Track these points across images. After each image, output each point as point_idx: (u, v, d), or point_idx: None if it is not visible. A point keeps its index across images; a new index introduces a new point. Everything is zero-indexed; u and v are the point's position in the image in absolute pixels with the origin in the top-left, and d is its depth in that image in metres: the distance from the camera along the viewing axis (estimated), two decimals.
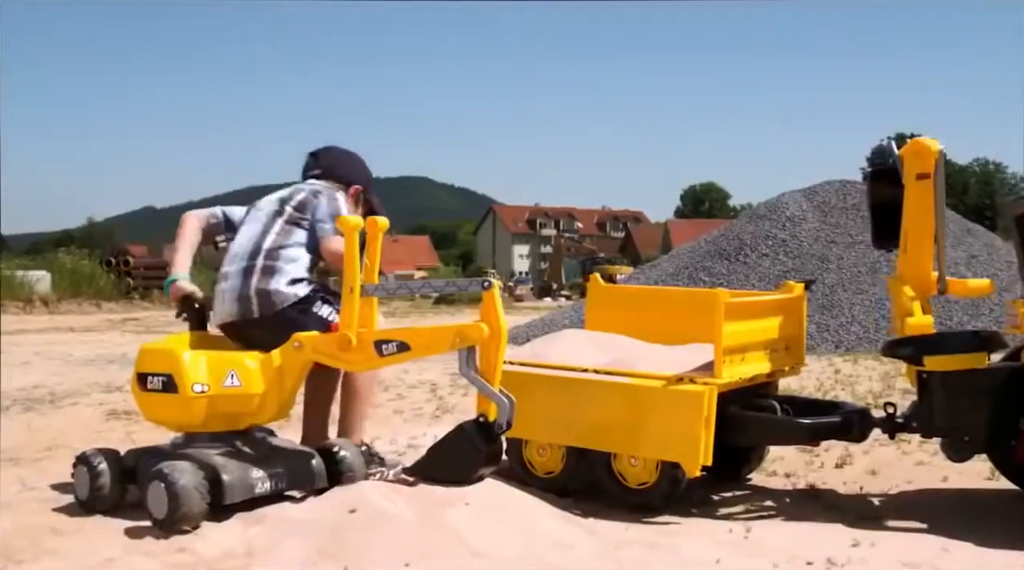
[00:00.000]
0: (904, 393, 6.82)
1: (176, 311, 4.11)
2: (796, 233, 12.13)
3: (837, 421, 3.87)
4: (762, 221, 12.55)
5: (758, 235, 12.26)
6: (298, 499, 3.67)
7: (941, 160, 3.66)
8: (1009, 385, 3.70)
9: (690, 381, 3.72)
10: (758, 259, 11.99)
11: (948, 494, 4.22)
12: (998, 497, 4.11)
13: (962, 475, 4.37)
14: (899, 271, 3.89)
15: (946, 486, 4.32)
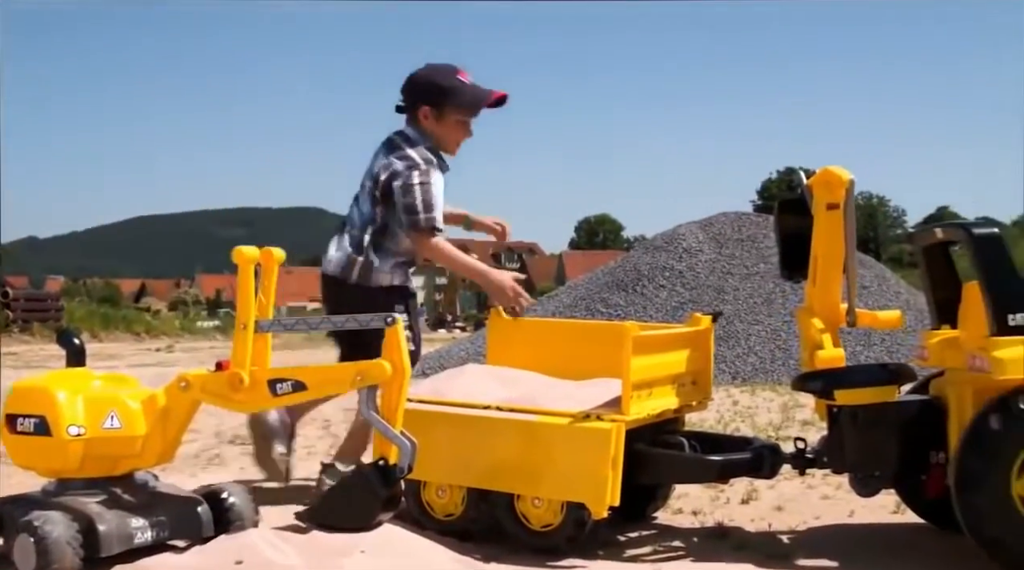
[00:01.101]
0: (803, 425, 6.81)
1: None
2: (693, 264, 12.17)
3: (748, 458, 3.76)
4: (659, 252, 12.58)
5: (655, 266, 12.27)
6: (181, 549, 3.42)
7: (851, 190, 3.60)
8: (919, 418, 3.64)
9: (596, 418, 3.58)
10: (655, 290, 11.99)
11: (856, 529, 4.15)
12: (906, 531, 4.06)
13: (868, 509, 4.31)
14: (808, 302, 3.82)
15: (853, 521, 4.26)
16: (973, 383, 3.45)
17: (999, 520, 3.22)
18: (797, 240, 3.87)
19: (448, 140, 4.32)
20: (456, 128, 4.32)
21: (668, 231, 13.22)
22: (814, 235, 3.75)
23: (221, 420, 7.19)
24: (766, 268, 11.93)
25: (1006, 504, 3.22)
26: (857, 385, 3.60)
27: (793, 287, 11.46)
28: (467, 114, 4.29)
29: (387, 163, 4.19)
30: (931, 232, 3.82)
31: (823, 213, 3.68)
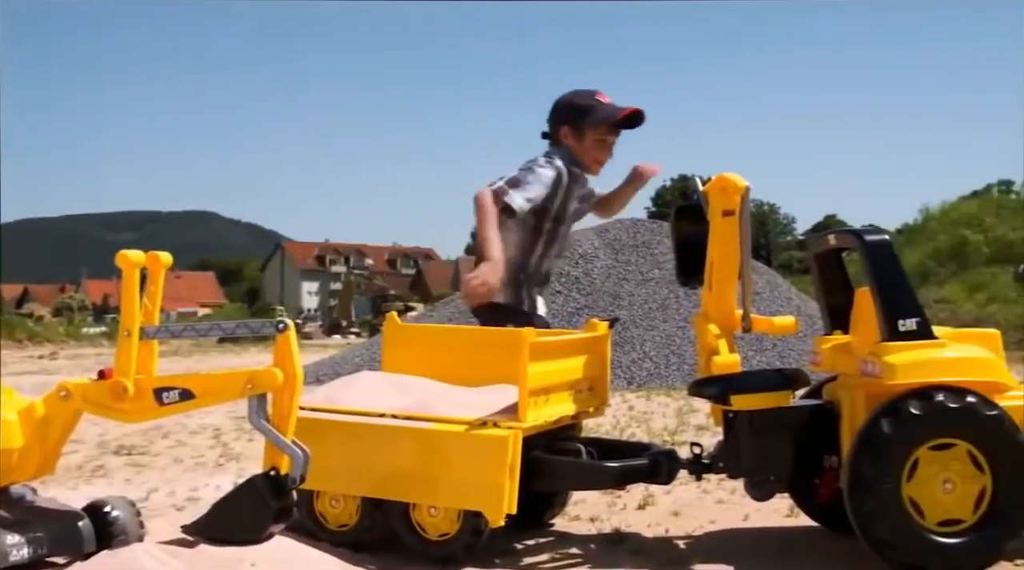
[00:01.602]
0: (698, 429, 6.88)
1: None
2: (588, 270, 12.24)
3: (645, 464, 3.75)
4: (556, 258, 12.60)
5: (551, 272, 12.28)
6: (61, 566, 3.27)
7: (747, 196, 3.62)
8: (812, 423, 3.68)
9: (493, 425, 3.53)
10: (551, 296, 12.00)
11: (750, 533, 4.18)
12: (799, 534, 4.10)
13: (762, 513, 4.35)
14: (704, 308, 3.83)
15: (748, 525, 4.28)
16: (865, 387, 3.49)
17: (890, 522, 3.26)
18: (693, 246, 3.88)
19: (588, 159, 4.27)
20: (595, 146, 4.26)
21: None
22: (710, 241, 3.76)
23: (105, 430, 6.99)
24: (661, 274, 12.06)
25: (897, 506, 3.26)
26: (752, 390, 3.62)
27: (687, 293, 11.60)
28: (603, 131, 4.24)
29: None
30: (824, 239, 3.87)
31: (719, 219, 3.70)
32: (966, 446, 3.30)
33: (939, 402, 3.27)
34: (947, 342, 3.42)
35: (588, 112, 4.20)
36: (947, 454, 3.30)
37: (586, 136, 4.21)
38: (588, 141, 4.22)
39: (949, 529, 3.29)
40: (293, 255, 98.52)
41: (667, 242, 12.62)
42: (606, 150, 4.28)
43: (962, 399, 3.28)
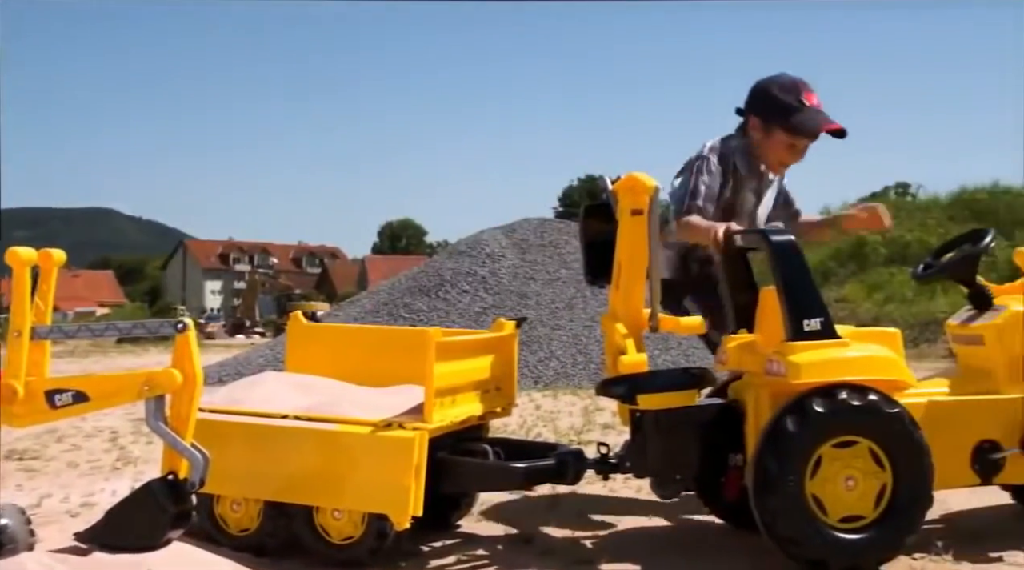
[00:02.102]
0: (604, 428, 6.89)
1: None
2: (496, 270, 12.22)
3: (552, 464, 3.73)
4: (462, 258, 12.58)
5: (459, 272, 12.26)
6: None
7: (655, 196, 3.61)
8: (718, 422, 3.69)
9: (399, 426, 3.48)
10: (459, 295, 11.97)
11: (657, 531, 4.19)
12: (705, 532, 4.12)
13: (668, 512, 4.35)
14: (612, 308, 3.82)
15: (654, 524, 4.29)
16: (770, 386, 3.52)
17: (793, 519, 3.28)
18: (601, 245, 3.86)
19: (770, 157, 4.13)
20: (780, 148, 4.11)
21: (471, 236, 13.25)
22: (618, 240, 3.74)
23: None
24: (568, 273, 12.10)
25: (800, 503, 3.28)
26: (659, 390, 3.62)
27: (594, 292, 11.65)
28: (793, 138, 4.07)
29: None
30: (730, 239, 3.88)
31: (627, 219, 3.68)
32: (868, 443, 3.34)
33: (842, 400, 3.30)
34: (850, 341, 3.46)
35: (786, 115, 4.04)
36: (849, 452, 3.34)
37: (774, 135, 4.07)
38: (776, 141, 4.08)
39: (851, 525, 3.33)
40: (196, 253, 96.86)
41: (574, 242, 12.66)
42: (795, 155, 4.14)
43: (864, 397, 3.32)
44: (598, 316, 11.40)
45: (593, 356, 10.93)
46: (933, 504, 3.43)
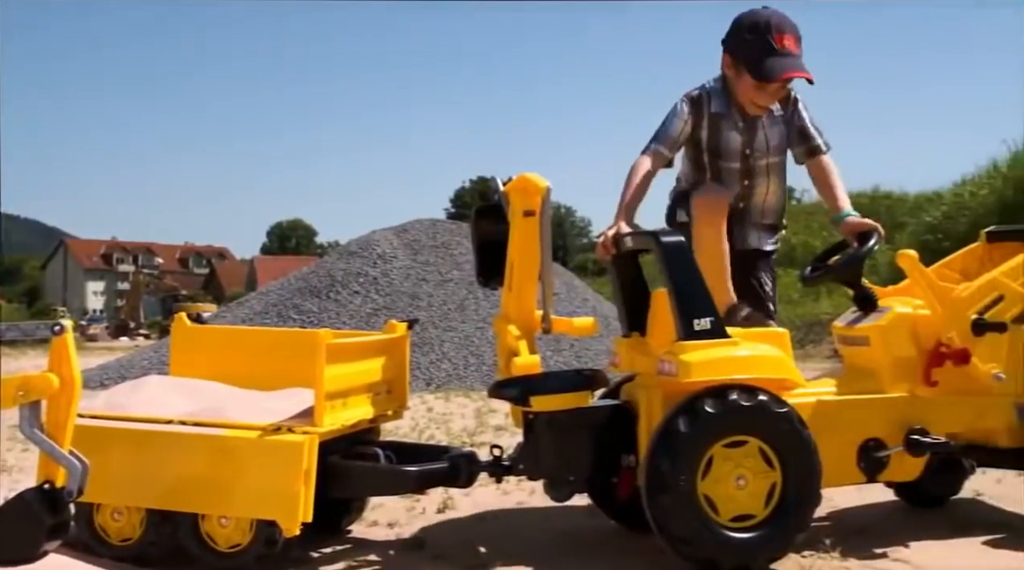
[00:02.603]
0: (497, 430, 6.87)
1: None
2: (387, 271, 12.12)
3: (444, 467, 3.69)
4: (353, 258, 12.45)
5: (349, 272, 12.13)
6: None
7: (547, 197, 3.60)
8: (611, 423, 3.70)
9: (288, 430, 3.40)
10: (349, 296, 11.84)
11: (551, 534, 4.17)
12: (599, 533, 4.12)
13: (562, 513, 4.34)
14: (504, 309, 3.79)
15: (547, 525, 4.27)
16: (662, 387, 3.53)
17: (685, 519, 3.30)
18: (493, 246, 3.84)
19: (742, 97, 3.92)
20: (748, 89, 3.89)
21: (363, 237, 13.13)
22: (510, 242, 3.73)
23: None
24: (460, 275, 12.07)
25: (693, 504, 3.30)
26: (552, 391, 3.60)
27: (486, 293, 11.64)
28: (757, 80, 3.85)
29: None
30: (622, 241, 3.89)
31: (519, 220, 3.67)
32: (758, 443, 3.37)
33: (733, 400, 3.33)
34: (740, 341, 3.49)
35: (751, 57, 3.84)
36: (740, 451, 3.37)
37: (743, 77, 3.88)
38: (744, 82, 3.89)
39: (742, 524, 3.36)
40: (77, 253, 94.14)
41: (466, 243, 12.63)
42: (766, 96, 3.93)
43: (754, 397, 3.35)
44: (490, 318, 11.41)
45: (485, 358, 10.91)
46: (821, 502, 3.48)
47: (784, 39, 3.80)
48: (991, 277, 3.89)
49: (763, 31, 3.81)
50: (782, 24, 3.83)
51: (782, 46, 3.80)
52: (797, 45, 3.84)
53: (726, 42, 3.94)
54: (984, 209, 13.90)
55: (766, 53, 3.80)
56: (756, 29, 3.83)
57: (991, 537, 3.86)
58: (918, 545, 3.75)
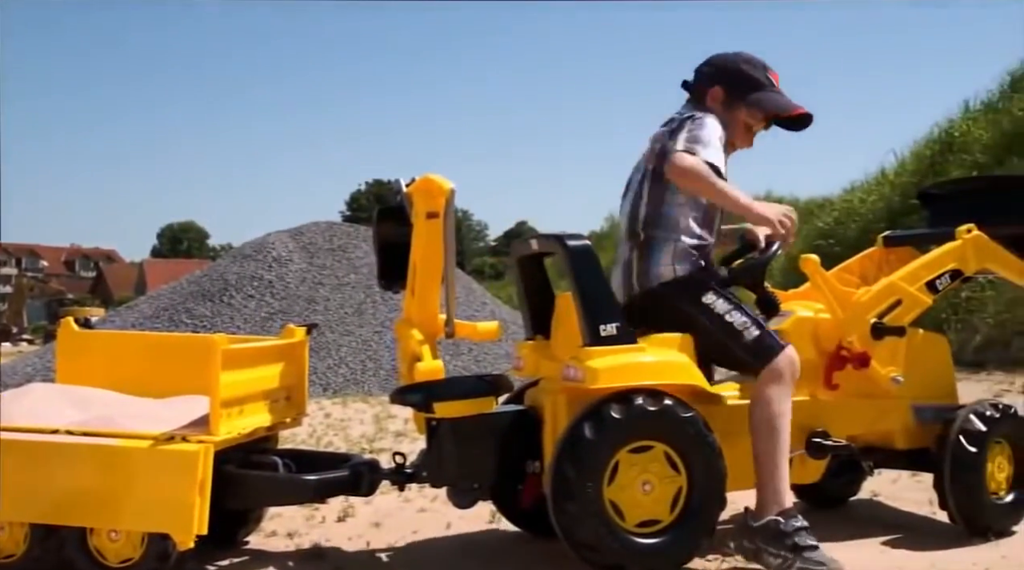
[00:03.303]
0: (396, 436, 6.79)
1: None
2: (283, 274, 11.92)
3: (345, 475, 3.60)
4: (248, 261, 12.21)
5: (243, 276, 11.89)
6: None
7: (452, 199, 3.54)
8: (515, 428, 3.64)
9: (182, 439, 3.27)
10: (244, 300, 11.61)
11: (454, 541, 4.11)
12: (502, 540, 4.08)
13: (465, 520, 4.28)
14: (406, 313, 3.72)
15: (451, 533, 4.21)
16: (567, 392, 3.49)
17: (591, 525, 3.26)
18: (396, 249, 3.76)
19: (734, 132, 3.74)
20: (736, 126, 3.72)
21: (257, 240, 12.89)
22: (413, 244, 3.65)
23: None
24: (357, 278, 11.93)
25: (598, 510, 3.27)
26: (456, 397, 3.53)
27: (384, 297, 11.53)
28: (757, 117, 3.72)
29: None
30: (526, 244, 3.85)
31: (423, 222, 3.59)
32: (663, 448, 3.35)
33: (638, 406, 3.30)
34: (645, 347, 3.47)
35: (757, 89, 3.72)
36: (646, 456, 3.34)
37: (737, 111, 3.73)
38: (736, 117, 3.73)
39: (648, 530, 3.33)
40: None
41: (364, 246, 12.50)
42: (750, 138, 3.80)
43: (660, 402, 3.33)
44: (388, 322, 11.34)
45: (383, 362, 10.80)
46: (726, 506, 3.48)
47: (777, 78, 3.81)
48: (889, 282, 3.95)
49: (761, 67, 3.78)
50: (770, 66, 3.82)
51: (775, 84, 3.79)
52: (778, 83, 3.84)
53: (716, 76, 3.77)
54: (873, 215, 14.29)
55: (771, 91, 3.76)
56: (754, 65, 3.78)
57: (888, 537, 3.94)
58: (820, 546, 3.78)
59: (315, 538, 4.09)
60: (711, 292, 3.58)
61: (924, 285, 3.98)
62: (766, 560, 3.41)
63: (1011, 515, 3.95)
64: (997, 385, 8.80)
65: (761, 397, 3.48)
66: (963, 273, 4.08)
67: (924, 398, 4.00)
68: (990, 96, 15.24)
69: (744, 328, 3.53)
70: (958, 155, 13.73)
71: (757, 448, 3.46)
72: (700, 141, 3.49)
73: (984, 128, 13.88)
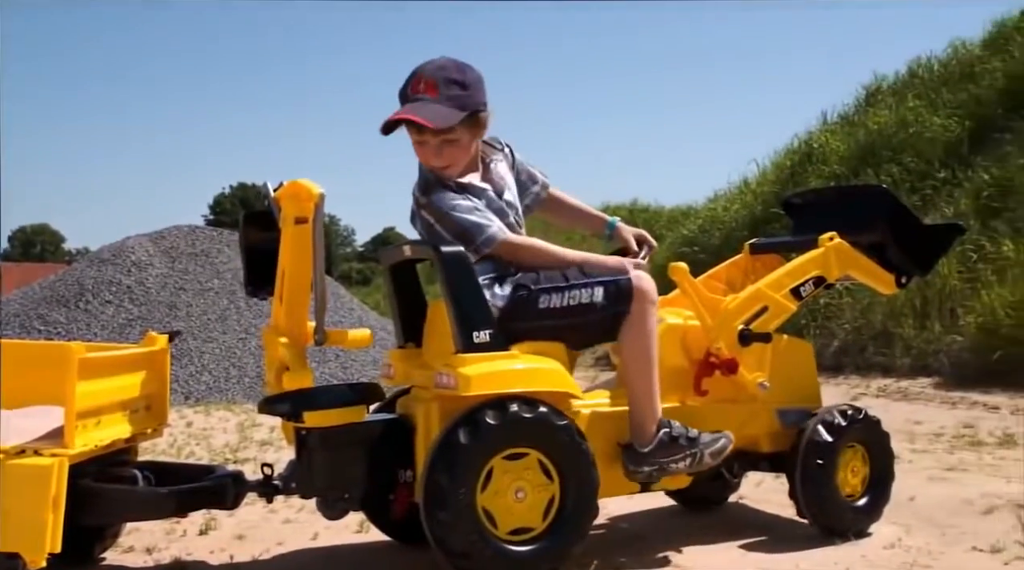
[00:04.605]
0: (261, 445, 6.64)
1: None
2: (143, 279, 11.57)
3: (209, 488, 3.47)
4: (105, 266, 11.81)
5: (101, 281, 11.50)
6: None
7: (321, 204, 3.44)
8: (387, 437, 3.57)
9: (34, 453, 3.10)
10: (101, 306, 11.22)
11: (320, 552, 4.01)
12: (370, 550, 4.01)
13: (332, 531, 4.19)
14: (274, 321, 3.61)
15: (317, 544, 4.11)
16: (440, 400, 3.44)
17: (464, 533, 3.22)
18: (262, 254, 3.65)
19: (424, 162, 3.66)
20: (416, 149, 3.62)
21: (116, 243, 12.49)
22: (281, 250, 3.55)
23: None
24: (221, 284, 11.66)
25: (471, 517, 3.23)
26: (326, 406, 3.44)
27: (249, 303, 11.30)
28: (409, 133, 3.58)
29: None
30: (399, 250, 3.79)
31: (291, 227, 3.49)
32: (537, 455, 3.33)
33: (513, 413, 3.27)
34: (519, 354, 3.45)
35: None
36: (520, 463, 3.31)
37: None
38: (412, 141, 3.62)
39: (520, 537, 3.31)
40: None
41: (227, 251, 12.23)
42: (425, 153, 3.60)
43: (535, 409, 3.31)
44: (253, 328, 11.12)
45: (248, 369, 10.58)
46: (598, 514, 3.48)
47: (421, 84, 3.51)
48: (755, 289, 4.02)
49: (407, 82, 3.56)
50: (432, 70, 3.53)
51: (416, 91, 3.52)
52: (440, 87, 3.50)
53: None
54: (736, 223, 14.66)
55: (402, 102, 3.56)
56: (405, 81, 3.58)
57: (753, 539, 3.99)
58: (691, 549, 3.83)
59: (175, 552, 3.94)
60: (541, 295, 3.55)
61: (789, 292, 4.06)
62: (675, 468, 3.55)
63: (869, 516, 4.05)
64: (854, 388, 9.13)
65: (632, 329, 3.56)
66: (826, 280, 4.17)
67: (789, 402, 4.07)
68: (846, 109, 15.83)
69: (590, 298, 3.55)
70: (817, 166, 14.19)
71: (632, 374, 3.58)
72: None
73: (841, 140, 14.38)
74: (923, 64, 14.82)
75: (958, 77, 13.48)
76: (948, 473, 4.65)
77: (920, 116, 13.04)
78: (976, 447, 6.04)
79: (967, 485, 4.83)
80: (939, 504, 4.27)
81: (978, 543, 3.80)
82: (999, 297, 9.00)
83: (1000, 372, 8.47)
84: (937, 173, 11.80)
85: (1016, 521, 4.03)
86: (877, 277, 4.35)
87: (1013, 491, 4.64)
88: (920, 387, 8.98)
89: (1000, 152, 11.09)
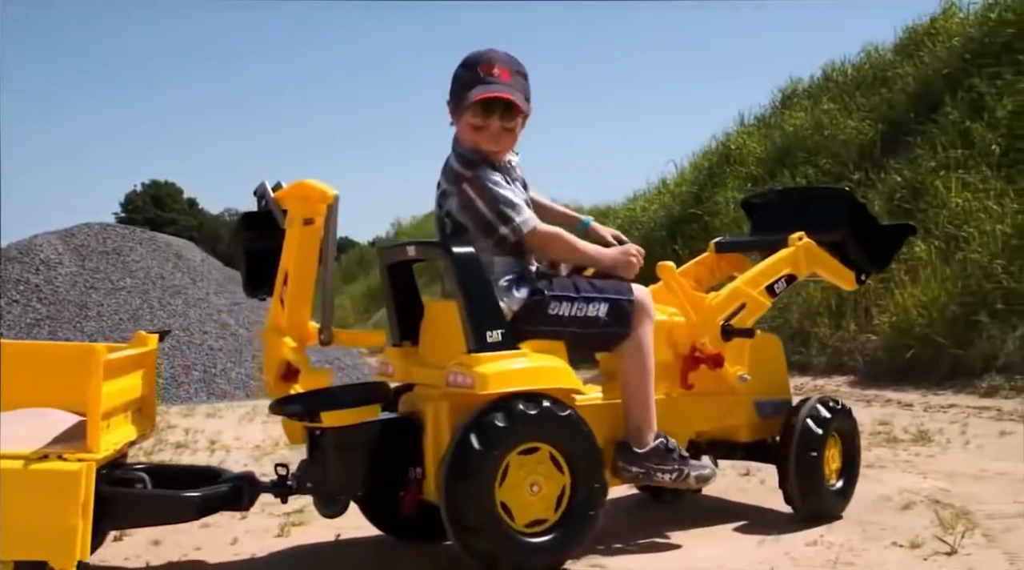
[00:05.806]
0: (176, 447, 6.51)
1: None
2: (51, 278, 11.27)
3: (226, 491, 3.47)
4: (12, 264, 11.47)
5: (7, 279, 11.17)
6: None
7: (336, 205, 3.48)
8: (396, 435, 3.62)
9: (59, 458, 3.07)
10: (7, 305, 10.91)
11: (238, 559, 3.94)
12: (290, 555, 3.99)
13: (251, 535, 4.19)
14: (274, 321, 3.62)
15: (236, 548, 4.05)
16: (451, 398, 3.50)
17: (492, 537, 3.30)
18: (262, 255, 3.68)
19: (467, 145, 3.66)
20: (466, 130, 3.61)
21: (23, 241, 12.14)
22: (285, 250, 3.58)
23: None
24: (133, 283, 11.44)
25: (495, 519, 3.31)
26: (343, 406, 3.48)
27: (161, 303, 11.16)
28: (473, 113, 3.57)
29: None
30: (402, 249, 3.84)
31: (298, 228, 3.52)
32: (549, 448, 3.44)
33: (524, 409, 3.36)
34: (528, 352, 3.54)
35: (458, 90, 3.62)
36: (533, 458, 3.41)
37: (464, 118, 3.61)
38: (463, 124, 3.63)
39: (536, 529, 3.41)
40: None
41: (140, 249, 12.01)
42: (486, 137, 3.62)
43: (545, 405, 3.41)
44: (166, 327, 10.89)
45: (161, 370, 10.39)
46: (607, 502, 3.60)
47: (494, 68, 3.60)
48: (735, 286, 4.21)
49: (472, 65, 3.63)
50: (495, 57, 3.64)
51: (491, 74, 3.60)
52: (512, 76, 3.64)
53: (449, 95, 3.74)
54: (654, 223, 14.87)
55: (472, 84, 3.60)
56: (466, 64, 3.66)
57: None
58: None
59: (90, 559, 3.81)
60: (552, 301, 3.66)
61: (764, 289, 4.26)
62: (660, 478, 3.71)
63: (841, 501, 4.27)
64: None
65: (632, 343, 3.73)
66: (796, 277, 4.38)
67: (763, 394, 4.27)
68: (763, 111, 16.09)
69: (596, 312, 3.69)
70: (735, 167, 14.42)
71: (632, 383, 3.73)
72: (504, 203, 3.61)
73: (758, 142, 14.64)
74: (837, 68, 15.12)
75: (871, 81, 13.82)
76: (866, 470, 4.75)
77: (835, 119, 13.38)
78: (892, 444, 6.20)
79: (884, 482, 4.95)
80: (858, 501, 4.36)
81: (898, 539, 3.85)
82: (912, 297, 9.37)
83: (913, 370, 8.84)
84: (851, 175, 12.12)
85: (933, 516, 4.18)
86: (840, 274, 4.58)
87: (929, 487, 4.84)
88: (835, 385, 9.33)
89: (911, 155, 11.47)
